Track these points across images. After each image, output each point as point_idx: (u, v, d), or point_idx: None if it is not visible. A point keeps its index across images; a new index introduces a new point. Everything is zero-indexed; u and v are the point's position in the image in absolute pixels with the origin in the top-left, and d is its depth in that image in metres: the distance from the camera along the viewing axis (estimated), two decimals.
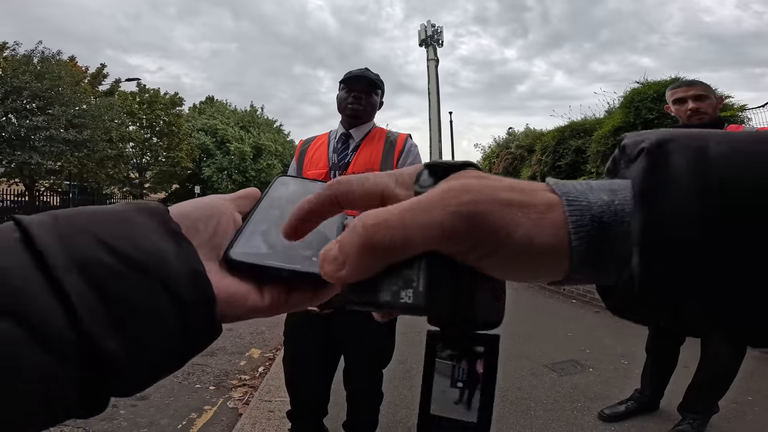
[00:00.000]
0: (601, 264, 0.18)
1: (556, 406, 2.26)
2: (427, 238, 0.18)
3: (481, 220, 0.18)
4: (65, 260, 0.19)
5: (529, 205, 0.18)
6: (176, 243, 0.23)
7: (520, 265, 0.19)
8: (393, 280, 0.19)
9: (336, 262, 0.20)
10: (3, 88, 12.39)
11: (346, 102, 1.55)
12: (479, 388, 0.23)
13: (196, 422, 2.18)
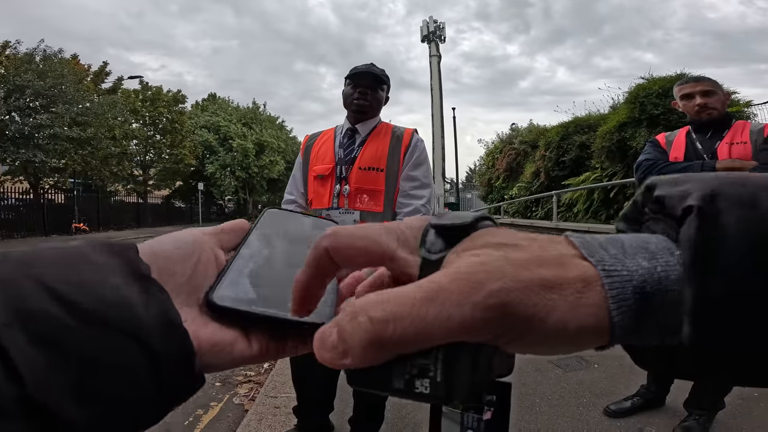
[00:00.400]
0: (641, 333, 0.17)
1: (561, 402, 2.26)
2: (448, 333, 0.16)
3: (512, 310, 0.16)
4: (4, 312, 0.17)
5: (564, 284, 0.16)
6: (144, 289, 0.20)
7: (552, 347, 0.17)
8: (406, 368, 0.17)
9: (336, 351, 0.17)
10: (6, 87, 12.43)
11: (352, 98, 1.55)
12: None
13: (202, 419, 2.19)
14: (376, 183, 1.51)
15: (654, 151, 1.96)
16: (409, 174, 1.53)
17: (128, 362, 0.18)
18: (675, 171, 1.78)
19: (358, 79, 1.55)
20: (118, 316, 0.18)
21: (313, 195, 1.60)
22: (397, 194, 1.53)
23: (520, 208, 9.46)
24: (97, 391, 0.17)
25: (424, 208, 1.52)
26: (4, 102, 12.31)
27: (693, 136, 1.89)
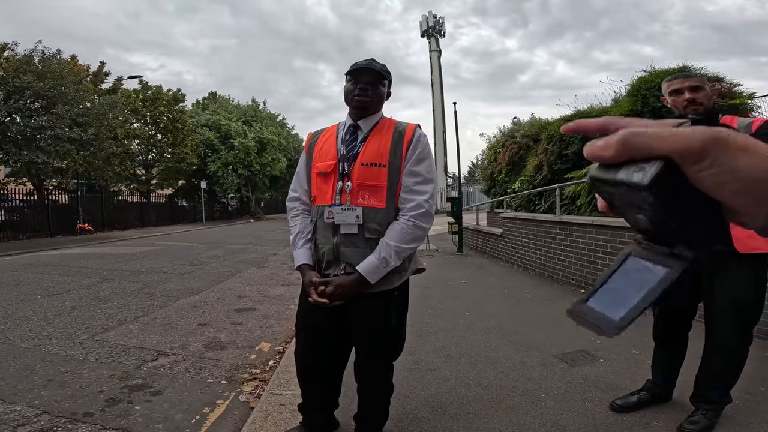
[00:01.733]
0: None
1: (566, 397, 2.26)
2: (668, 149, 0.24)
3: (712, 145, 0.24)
4: None
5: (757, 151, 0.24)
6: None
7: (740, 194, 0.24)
8: (632, 166, 0.26)
9: (600, 148, 0.27)
10: (5, 89, 12.43)
11: (353, 94, 1.53)
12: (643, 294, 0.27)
13: (209, 417, 2.20)
14: (378, 179, 1.50)
15: None
16: (411, 169, 1.52)
17: None
18: None
19: (358, 75, 1.54)
20: None
21: (316, 192, 1.59)
22: (399, 190, 1.52)
23: (523, 201, 9.41)
24: None
25: (427, 203, 1.50)
26: (4, 104, 12.30)
27: None
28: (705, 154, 0.24)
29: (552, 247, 5.58)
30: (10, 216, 13.59)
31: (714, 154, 0.24)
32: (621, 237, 4.23)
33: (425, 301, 4.32)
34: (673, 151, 0.24)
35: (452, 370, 2.63)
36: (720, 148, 0.24)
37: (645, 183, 0.25)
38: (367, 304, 1.52)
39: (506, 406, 2.16)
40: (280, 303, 4.61)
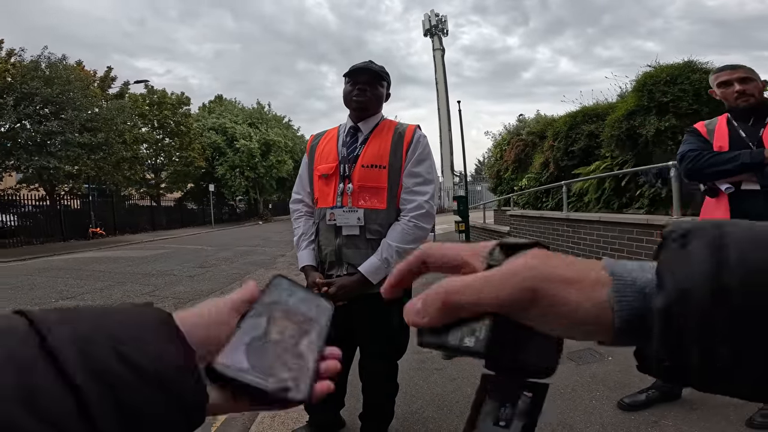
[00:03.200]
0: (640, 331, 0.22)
1: (574, 395, 2.25)
2: (493, 304, 0.23)
3: (537, 294, 0.23)
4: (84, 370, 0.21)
5: (581, 282, 0.23)
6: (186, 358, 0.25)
7: (569, 330, 0.23)
8: (461, 329, 0.24)
9: (419, 315, 0.25)
10: (14, 95, 12.64)
11: (351, 95, 1.54)
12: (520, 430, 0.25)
13: (218, 416, 2.23)
14: (378, 180, 1.51)
15: (696, 141, 1.90)
16: (412, 170, 1.52)
17: (170, 422, 0.23)
18: (722, 161, 1.73)
19: (356, 76, 1.55)
20: (170, 380, 0.23)
21: (318, 194, 1.61)
22: (400, 191, 1.52)
23: (530, 199, 9.35)
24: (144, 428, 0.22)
25: (428, 204, 1.51)
26: (14, 110, 12.52)
27: (734, 123, 1.83)
28: (533, 303, 0.23)
29: (560, 244, 5.54)
30: (23, 221, 13.84)
31: (547, 299, 0.23)
32: (629, 233, 4.19)
33: None
34: (502, 306, 0.23)
35: (458, 369, 2.63)
36: (549, 289, 0.23)
37: (481, 350, 0.23)
38: (370, 304, 1.53)
39: None
40: None
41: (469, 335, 0.24)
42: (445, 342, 0.25)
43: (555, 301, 0.22)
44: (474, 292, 0.24)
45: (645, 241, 3.96)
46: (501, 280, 0.23)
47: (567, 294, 0.22)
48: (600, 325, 0.22)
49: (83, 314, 0.24)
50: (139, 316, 0.25)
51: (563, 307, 0.22)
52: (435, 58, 22.05)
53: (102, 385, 0.21)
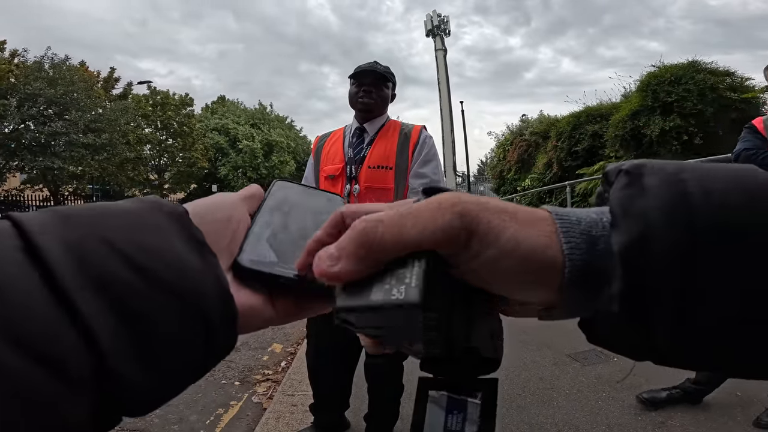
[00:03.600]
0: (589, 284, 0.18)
1: (579, 396, 2.24)
2: (421, 235, 0.18)
3: (471, 219, 0.18)
4: (79, 278, 0.16)
5: (518, 212, 0.19)
6: (201, 255, 0.20)
7: (511, 270, 0.19)
8: (386, 279, 0.19)
9: (332, 258, 0.20)
10: (17, 96, 12.71)
11: (357, 97, 1.55)
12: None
13: (223, 417, 2.23)
14: (385, 181, 1.51)
15: (753, 139, 1.85)
16: (418, 171, 1.52)
17: (189, 329, 0.19)
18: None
19: (361, 77, 1.55)
20: (183, 284, 0.19)
21: None
22: (406, 192, 1.52)
23: (533, 199, 9.34)
24: (161, 356, 0.18)
25: None
26: (18, 111, 12.60)
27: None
28: (468, 234, 0.18)
29: None
30: None
31: (481, 226, 0.18)
32: None
33: None
34: (429, 241, 0.18)
35: None
36: (481, 216, 0.18)
37: (414, 300, 0.18)
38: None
39: (517, 406, 2.15)
40: None
41: (398, 284, 0.18)
42: (368, 301, 0.19)
43: (491, 228, 0.18)
44: (395, 222, 0.19)
45: None
46: (428, 210, 0.19)
47: (503, 222, 0.18)
48: (546, 263, 0.18)
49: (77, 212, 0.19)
50: (146, 211, 0.20)
51: (501, 235, 0.18)
52: (437, 58, 22.05)
53: (106, 298, 0.16)
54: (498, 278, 0.19)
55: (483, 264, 0.19)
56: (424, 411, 0.23)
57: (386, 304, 0.18)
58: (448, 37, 22.41)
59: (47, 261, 0.16)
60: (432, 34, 22.41)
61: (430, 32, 22.46)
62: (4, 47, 13.49)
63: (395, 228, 0.19)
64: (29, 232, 0.16)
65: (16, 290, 0.15)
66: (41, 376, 0.14)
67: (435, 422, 0.22)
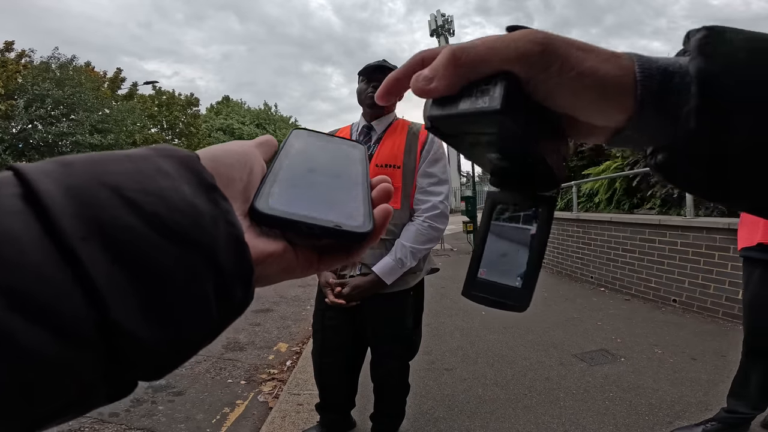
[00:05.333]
0: (664, 112, 0.20)
1: (586, 396, 2.22)
2: (507, 55, 0.21)
3: (554, 47, 0.21)
4: (81, 224, 0.15)
5: (597, 50, 0.21)
6: (213, 201, 0.18)
7: (586, 94, 0.21)
8: (473, 93, 0.21)
9: (426, 79, 0.22)
10: (25, 96, 12.84)
11: (366, 93, 1.54)
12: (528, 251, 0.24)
13: (229, 416, 2.24)
14: (392, 180, 1.50)
15: None
16: (426, 170, 1.52)
17: (199, 280, 0.17)
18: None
19: (370, 74, 1.54)
20: (194, 231, 0.17)
21: None
22: (414, 191, 1.52)
23: None
24: (169, 310, 0.16)
25: (442, 204, 1.50)
26: (25, 111, 12.73)
27: None
28: (551, 57, 0.20)
29: (569, 245, 5.49)
30: None
31: (561, 54, 0.21)
32: (641, 234, 4.14)
33: (440, 300, 4.31)
34: (516, 59, 0.21)
35: (469, 369, 2.61)
36: (562, 47, 0.21)
37: (497, 106, 0.20)
38: (383, 304, 1.53)
39: (524, 406, 2.14)
40: (297, 304, 4.65)
41: (482, 95, 0.21)
42: (456, 109, 0.22)
43: (571, 56, 0.21)
44: (485, 46, 0.21)
45: (657, 242, 3.92)
46: (514, 37, 0.21)
47: (584, 56, 0.21)
48: (621, 92, 0.21)
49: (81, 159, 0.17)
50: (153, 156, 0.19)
51: (581, 64, 0.20)
52: None
53: (108, 246, 0.15)
54: (573, 101, 0.21)
55: (561, 87, 0.21)
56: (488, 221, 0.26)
57: (472, 110, 0.21)
58: (452, 36, 22.36)
59: (47, 207, 0.14)
60: (436, 34, 22.38)
61: (434, 32, 22.43)
62: (12, 48, 13.63)
63: (485, 50, 0.21)
64: (30, 180, 0.15)
65: (13, 240, 0.13)
66: (41, 334, 0.13)
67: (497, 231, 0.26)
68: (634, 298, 4.11)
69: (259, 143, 0.27)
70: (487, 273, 0.26)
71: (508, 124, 0.21)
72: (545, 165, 0.23)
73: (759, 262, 1.66)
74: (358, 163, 0.30)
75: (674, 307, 3.71)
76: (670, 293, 3.79)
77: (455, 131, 0.23)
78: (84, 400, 0.15)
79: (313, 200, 0.24)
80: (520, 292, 0.24)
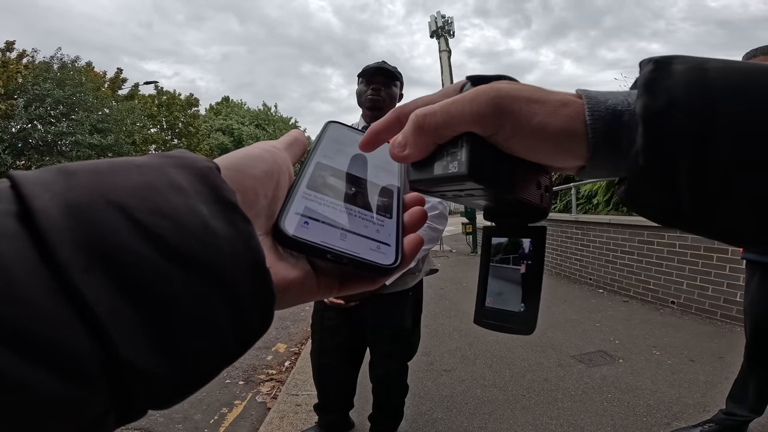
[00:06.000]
0: (617, 149, 0.21)
1: (584, 398, 2.22)
2: (463, 120, 0.22)
3: (502, 107, 0.22)
4: (83, 253, 0.13)
5: (547, 101, 0.22)
6: (232, 223, 0.17)
7: (540, 147, 0.22)
8: (443, 158, 0.24)
9: (400, 146, 0.24)
10: (25, 96, 12.83)
11: (366, 95, 1.55)
12: (527, 279, 0.26)
13: (227, 417, 2.24)
14: None
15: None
16: None
17: (214, 311, 0.16)
18: None
19: (370, 76, 1.55)
20: (209, 257, 0.16)
21: None
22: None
23: None
24: (180, 343, 0.15)
25: (442, 205, 1.51)
26: (25, 111, 12.71)
27: None
28: (501, 117, 0.22)
29: (568, 246, 5.50)
30: None
31: (511, 112, 0.22)
32: (640, 236, 4.14)
33: (439, 302, 4.31)
34: (472, 122, 0.22)
35: (467, 370, 2.61)
36: (510, 104, 0.22)
37: (464, 171, 0.22)
38: (382, 304, 1.53)
39: (522, 407, 2.14)
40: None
41: (452, 160, 0.23)
42: (431, 174, 0.24)
43: (521, 116, 0.21)
44: (442, 111, 0.23)
45: (656, 244, 3.93)
46: (467, 99, 0.22)
47: (532, 109, 0.22)
48: (572, 139, 0.21)
49: (84, 168, 0.16)
50: (166, 167, 0.17)
51: (530, 121, 0.21)
52: (441, 59, 22.00)
53: (113, 275, 0.14)
54: (532, 153, 0.23)
55: (517, 143, 0.22)
56: (488, 257, 0.28)
57: (445, 176, 0.23)
58: (452, 38, 22.39)
59: (44, 231, 0.13)
60: (436, 35, 22.36)
61: (435, 33, 22.42)
62: (12, 48, 13.62)
63: (444, 116, 0.23)
64: (26, 196, 0.14)
65: (5, 270, 0.12)
66: (40, 373, 0.12)
67: (497, 255, 0.28)
68: (633, 300, 4.11)
69: (287, 144, 0.26)
70: (493, 302, 0.28)
71: (480, 183, 0.23)
72: (526, 201, 0.25)
73: (758, 264, 1.66)
74: (394, 176, 0.30)
75: (672, 308, 3.72)
76: (669, 295, 3.79)
77: (435, 190, 0.26)
78: (91, 429, 0.14)
79: (344, 224, 0.24)
80: (524, 317, 0.26)
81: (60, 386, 0.12)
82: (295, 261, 0.22)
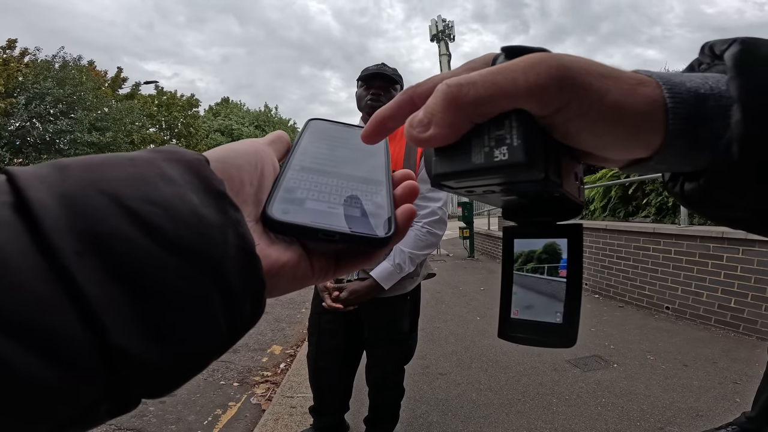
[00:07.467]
0: (695, 138, 0.18)
1: (579, 402, 2.23)
2: (516, 92, 0.17)
3: (572, 80, 0.17)
4: (75, 238, 0.13)
5: (621, 78, 0.18)
6: (222, 211, 0.17)
7: (610, 131, 0.18)
8: (483, 141, 0.18)
9: (421, 124, 0.19)
10: (25, 95, 12.80)
11: (365, 99, 1.55)
12: (566, 285, 0.22)
13: (221, 418, 2.23)
14: None
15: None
16: (425, 176, 1.53)
17: (205, 296, 0.16)
18: None
19: (369, 80, 1.55)
20: (200, 244, 0.16)
21: None
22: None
23: None
24: (172, 329, 0.15)
25: (441, 210, 1.51)
26: (25, 109, 12.68)
27: None
28: (569, 92, 0.17)
29: None
30: None
31: (580, 87, 0.17)
32: (636, 242, 4.17)
33: (436, 306, 4.31)
34: (527, 96, 0.17)
35: (463, 374, 2.62)
36: (580, 77, 0.17)
37: (521, 160, 0.18)
38: (380, 308, 1.53)
39: (517, 411, 2.15)
40: (292, 306, 4.64)
41: (498, 145, 0.18)
42: (469, 164, 0.19)
43: (593, 91, 0.17)
44: (486, 82, 0.18)
45: (651, 250, 3.95)
46: (521, 67, 0.18)
47: (607, 87, 0.18)
48: (649, 124, 0.18)
49: (77, 162, 0.16)
50: (157, 160, 0.17)
51: (604, 99, 0.17)
52: (441, 63, 22.11)
53: (106, 261, 0.14)
54: (595, 139, 0.19)
55: (580, 125, 0.18)
56: (511, 263, 0.24)
57: (488, 166, 0.18)
58: (452, 42, 22.50)
59: (38, 218, 0.13)
60: (436, 39, 22.51)
61: (435, 37, 22.56)
62: (14, 46, 13.58)
63: (486, 84, 0.18)
64: (22, 187, 0.14)
65: (1, 257, 0.12)
66: (32, 358, 0.12)
67: (526, 261, 0.23)
68: (628, 305, 4.13)
69: (270, 141, 0.26)
70: (520, 312, 0.24)
71: (534, 174, 0.18)
72: (565, 194, 0.21)
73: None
74: (379, 156, 0.28)
75: (667, 314, 3.74)
76: (664, 300, 3.81)
77: (467, 185, 0.21)
78: (83, 419, 0.14)
79: (332, 203, 0.23)
80: (564, 328, 0.22)
81: (52, 373, 0.12)
82: (287, 245, 0.21)
